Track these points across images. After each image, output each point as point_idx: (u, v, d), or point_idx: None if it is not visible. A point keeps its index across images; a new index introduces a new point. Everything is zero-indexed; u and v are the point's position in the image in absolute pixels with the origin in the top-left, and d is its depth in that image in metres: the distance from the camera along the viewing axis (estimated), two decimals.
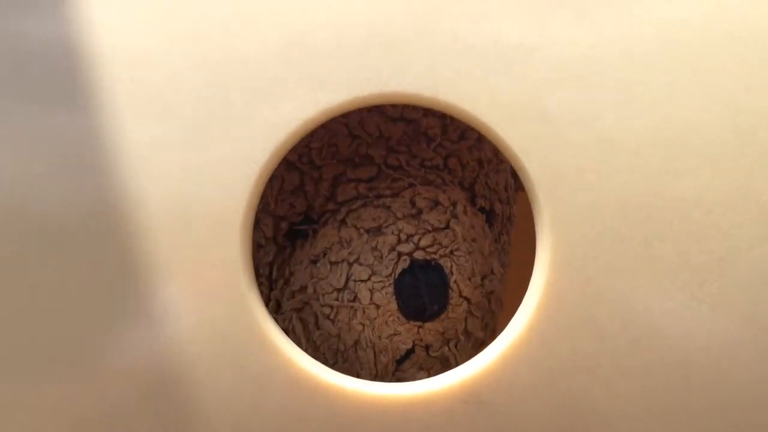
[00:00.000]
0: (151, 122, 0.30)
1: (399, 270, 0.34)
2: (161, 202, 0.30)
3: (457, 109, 0.29)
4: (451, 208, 0.35)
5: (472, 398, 0.30)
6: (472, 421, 0.30)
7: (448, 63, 0.29)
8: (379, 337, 0.34)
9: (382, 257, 0.34)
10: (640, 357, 0.29)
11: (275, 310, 0.36)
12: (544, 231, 0.30)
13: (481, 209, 0.38)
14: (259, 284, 0.36)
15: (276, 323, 0.34)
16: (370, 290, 0.34)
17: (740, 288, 0.29)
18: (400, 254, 0.34)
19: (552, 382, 0.30)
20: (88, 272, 0.30)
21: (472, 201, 0.38)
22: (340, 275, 0.34)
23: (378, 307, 0.34)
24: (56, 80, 0.30)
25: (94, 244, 0.30)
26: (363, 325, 0.34)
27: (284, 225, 0.37)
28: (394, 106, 0.37)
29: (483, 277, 0.36)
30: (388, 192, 0.36)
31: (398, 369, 0.35)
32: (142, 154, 0.30)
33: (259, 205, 0.34)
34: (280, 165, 0.35)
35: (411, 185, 0.36)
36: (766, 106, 0.29)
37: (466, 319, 0.35)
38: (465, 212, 0.36)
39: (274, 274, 0.37)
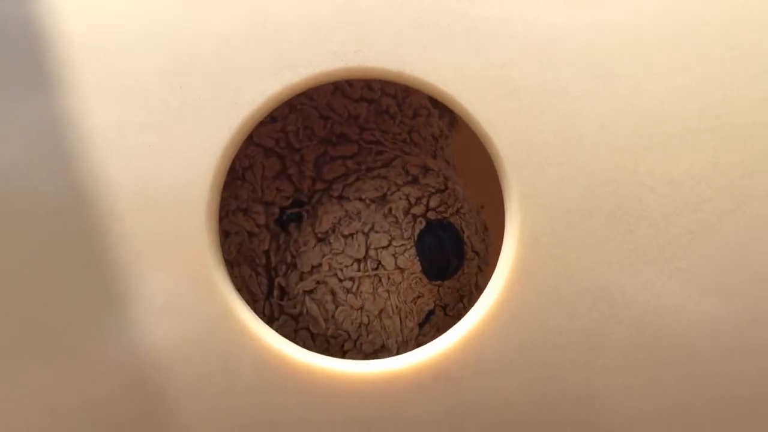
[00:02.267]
0: (114, 104, 0.29)
1: (417, 231, 0.34)
2: (127, 184, 0.29)
3: (424, 84, 0.29)
4: (442, 171, 0.36)
5: (441, 375, 0.30)
6: (442, 398, 0.30)
7: (414, 37, 0.29)
8: (405, 301, 0.35)
9: (398, 222, 0.34)
10: (609, 333, 0.29)
11: (280, 297, 0.36)
12: (512, 206, 0.29)
13: None
14: (257, 274, 0.36)
15: (285, 310, 0.34)
16: (393, 255, 0.34)
17: (709, 263, 0.29)
18: (415, 216, 0.35)
19: (522, 359, 0.30)
20: (57, 259, 0.30)
21: None
22: (359, 246, 0.35)
23: (403, 270, 0.34)
24: (18, 62, 0.30)
25: (62, 230, 0.30)
26: (389, 291, 0.34)
27: (275, 210, 0.36)
28: (353, 86, 0.37)
29: (483, 232, 0.37)
30: (378, 164, 0.36)
31: (420, 333, 0.36)
32: (105, 136, 0.30)
33: (247, 193, 0.34)
34: (258, 151, 0.35)
35: (397, 156, 0.36)
36: (734, 81, 0.29)
37: (476, 274, 0.36)
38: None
39: (273, 261, 0.36)
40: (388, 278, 0.34)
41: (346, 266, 0.35)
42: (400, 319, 0.35)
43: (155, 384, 0.30)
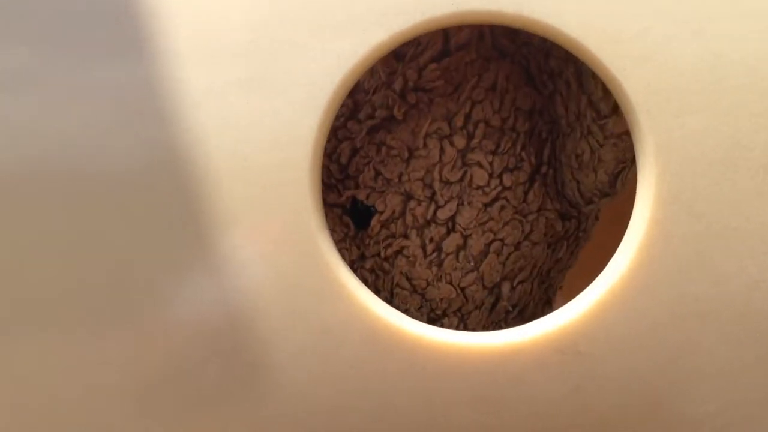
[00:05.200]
0: (206, 61, 0.28)
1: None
2: (223, 145, 0.28)
3: (544, 26, 0.26)
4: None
5: (569, 348, 0.27)
6: (569, 374, 0.27)
7: None
8: None
9: None
10: (760, 300, 0.26)
11: None
12: (647, 161, 0.26)
13: None
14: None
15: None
16: None
17: None
18: None
19: (658, 331, 0.27)
20: (151, 223, 0.28)
21: None
22: None
23: None
24: (109, 28, 0.28)
25: (156, 194, 0.28)
26: None
27: None
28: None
29: None
30: None
31: None
32: (199, 95, 0.28)
33: None
34: None
35: None
36: None
37: None
38: None
39: None
40: None
41: None
42: None
43: (255, 355, 0.28)
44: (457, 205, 0.33)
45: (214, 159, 0.28)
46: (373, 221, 0.34)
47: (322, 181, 0.33)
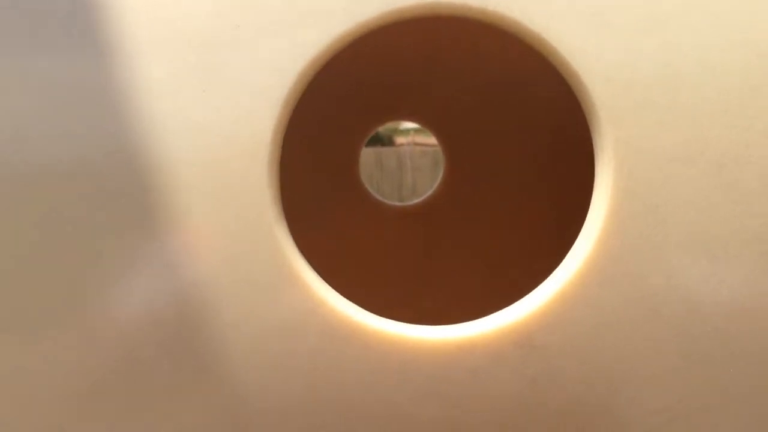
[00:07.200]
0: (164, 47, 0.27)
1: None
2: (181, 134, 0.27)
3: (508, 20, 0.26)
4: None
5: (524, 341, 0.27)
6: (524, 367, 0.27)
7: None
8: None
9: None
10: (711, 293, 0.27)
11: None
12: (605, 154, 0.27)
13: None
14: None
15: None
16: None
17: None
18: None
19: (614, 323, 0.27)
20: (103, 216, 0.27)
21: None
22: None
23: None
24: (64, 20, 0.27)
25: (108, 185, 0.27)
26: None
27: None
28: None
29: None
30: None
31: None
32: (155, 82, 0.27)
33: None
34: None
35: None
36: None
37: None
38: None
39: None
40: None
41: None
42: None
43: (209, 347, 0.28)
44: None
45: (169, 150, 0.27)
46: None
47: None
